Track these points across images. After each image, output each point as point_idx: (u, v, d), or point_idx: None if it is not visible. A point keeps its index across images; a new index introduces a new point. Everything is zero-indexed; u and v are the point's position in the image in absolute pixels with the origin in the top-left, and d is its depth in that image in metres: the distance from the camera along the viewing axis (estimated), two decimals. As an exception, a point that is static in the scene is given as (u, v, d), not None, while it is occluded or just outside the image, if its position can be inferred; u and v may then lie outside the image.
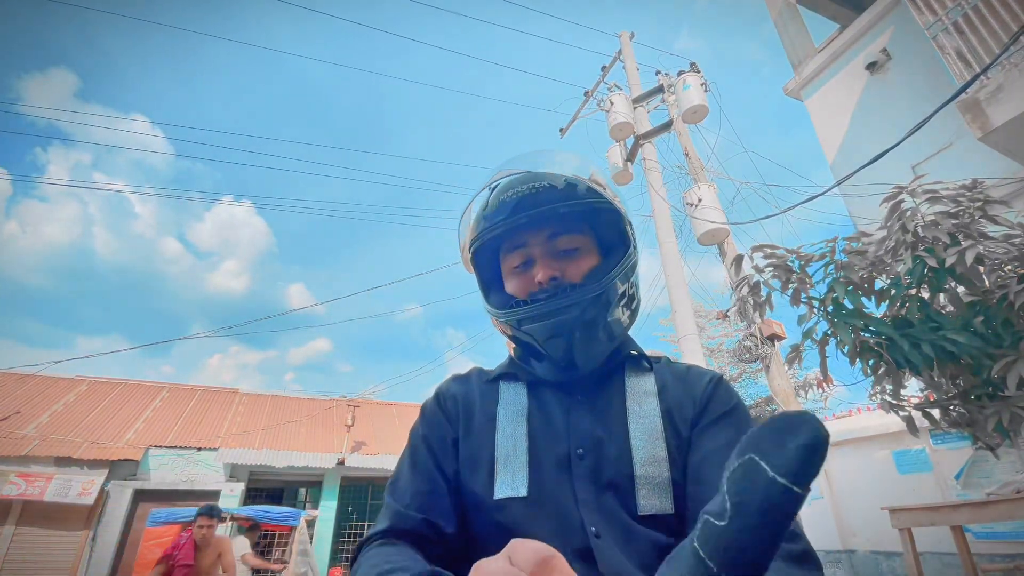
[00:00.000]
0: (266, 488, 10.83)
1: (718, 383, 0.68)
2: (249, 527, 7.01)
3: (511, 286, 0.71)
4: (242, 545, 6.13)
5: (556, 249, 0.69)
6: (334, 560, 9.77)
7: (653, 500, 0.58)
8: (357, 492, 10.80)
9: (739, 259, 2.71)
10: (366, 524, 10.43)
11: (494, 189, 0.72)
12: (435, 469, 0.66)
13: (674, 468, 0.60)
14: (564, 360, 0.66)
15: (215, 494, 9.14)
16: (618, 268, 0.68)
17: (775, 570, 0.44)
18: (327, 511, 10.17)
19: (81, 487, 8.21)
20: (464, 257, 0.78)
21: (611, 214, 0.72)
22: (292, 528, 7.68)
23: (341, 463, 9.91)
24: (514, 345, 0.73)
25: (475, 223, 0.73)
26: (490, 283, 0.77)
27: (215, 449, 9.66)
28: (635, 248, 0.72)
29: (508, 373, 0.74)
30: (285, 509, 7.77)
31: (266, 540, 8.22)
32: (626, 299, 0.70)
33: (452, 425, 0.70)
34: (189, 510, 7.89)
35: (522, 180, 0.70)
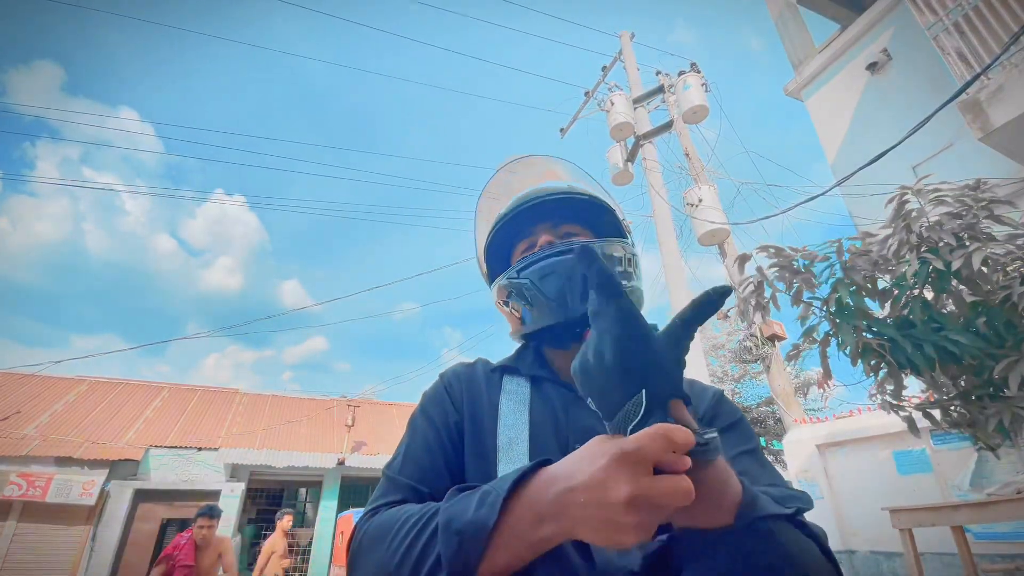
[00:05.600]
0: (266, 488, 10.82)
1: (721, 399, 0.73)
2: None
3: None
4: None
5: (559, 232, 0.80)
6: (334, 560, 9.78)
7: None
8: (357, 492, 10.79)
9: (743, 259, 2.70)
10: (366, 524, 10.45)
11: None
12: (436, 444, 0.66)
13: None
14: (557, 299, 0.70)
15: (215, 494, 9.13)
16: (608, 239, 0.79)
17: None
18: (327, 511, 10.16)
19: (82, 487, 8.21)
20: (480, 256, 0.88)
21: (608, 214, 0.84)
22: None
23: (341, 463, 9.90)
24: (518, 315, 0.75)
25: (493, 221, 0.85)
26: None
27: (215, 449, 9.66)
28: (632, 243, 0.82)
29: (511, 367, 0.76)
30: None
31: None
32: (623, 273, 0.76)
33: (456, 406, 0.70)
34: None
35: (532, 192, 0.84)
